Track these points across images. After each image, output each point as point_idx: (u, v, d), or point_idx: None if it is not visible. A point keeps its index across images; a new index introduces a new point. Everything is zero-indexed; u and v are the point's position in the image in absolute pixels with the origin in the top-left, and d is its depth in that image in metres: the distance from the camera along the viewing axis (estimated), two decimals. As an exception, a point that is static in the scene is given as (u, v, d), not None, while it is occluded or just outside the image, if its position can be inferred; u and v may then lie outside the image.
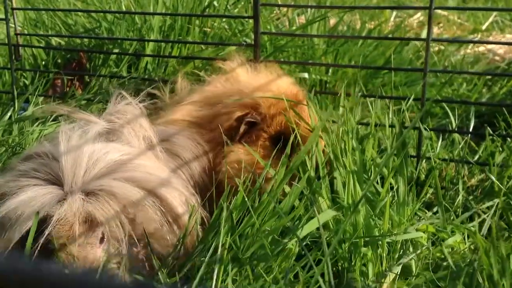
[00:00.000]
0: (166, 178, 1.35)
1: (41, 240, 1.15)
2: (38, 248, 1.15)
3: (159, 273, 1.20)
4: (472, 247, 1.49)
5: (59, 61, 2.76)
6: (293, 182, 1.40)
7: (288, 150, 1.42)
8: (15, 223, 1.17)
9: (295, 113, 1.56)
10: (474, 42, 3.26)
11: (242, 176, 1.44)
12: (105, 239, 1.22)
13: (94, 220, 1.20)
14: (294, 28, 2.90)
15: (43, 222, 1.17)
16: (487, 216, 1.52)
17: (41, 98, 2.40)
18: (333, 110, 1.83)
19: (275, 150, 1.48)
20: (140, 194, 1.25)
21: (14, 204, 1.18)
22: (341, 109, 1.63)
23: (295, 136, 1.50)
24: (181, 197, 1.35)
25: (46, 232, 1.15)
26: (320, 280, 1.06)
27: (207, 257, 1.17)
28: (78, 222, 1.18)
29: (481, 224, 1.60)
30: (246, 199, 1.25)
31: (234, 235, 1.21)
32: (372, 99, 2.13)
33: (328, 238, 1.35)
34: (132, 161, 1.32)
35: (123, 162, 1.29)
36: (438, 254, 1.50)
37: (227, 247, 1.18)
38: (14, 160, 1.40)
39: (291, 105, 1.56)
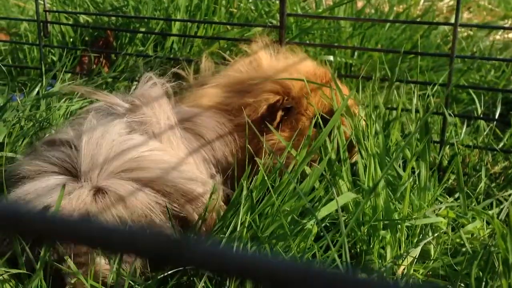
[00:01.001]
0: (186, 167, 1.36)
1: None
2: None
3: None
4: (491, 233, 1.49)
5: (86, 38, 2.79)
6: (314, 164, 1.40)
7: (327, 129, 1.40)
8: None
9: (335, 89, 1.55)
10: (504, 29, 3.20)
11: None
12: None
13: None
14: (320, 10, 2.89)
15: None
16: (507, 202, 1.51)
17: (68, 75, 2.43)
18: (356, 93, 1.83)
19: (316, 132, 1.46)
20: (148, 201, 1.26)
21: (27, 191, 1.23)
22: (365, 92, 1.63)
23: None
24: (200, 182, 1.36)
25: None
26: (337, 260, 1.07)
27: (225, 235, 1.19)
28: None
29: (501, 210, 1.59)
30: (266, 178, 1.26)
31: (253, 214, 1.23)
32: (398, 83, 2.12)
33: (346, 220, 1.36)
34: (151, 157, 1.33)
35: (141, 159, 1.31)
36: (457, 240, 1.50)
37: (246, 225, 1.20)
38: (38, 142, 1.43)
39: (325, 84, 1.55)
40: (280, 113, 1.52)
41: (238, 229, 1.18)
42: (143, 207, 1.25)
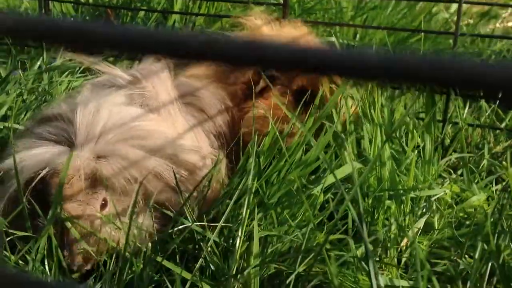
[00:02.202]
0: (185, 140, 1.35)
1: (37, 186, 1.15)
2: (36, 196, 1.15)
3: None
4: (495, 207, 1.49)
5: (87, 18, 2.78)
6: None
7: (317, 101, 1.41)
8: (19, 171, 1.17)
9: None
10: (509, 6, 3.18)
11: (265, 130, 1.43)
12: (107, 206, 1.20)
13: (98, 180, 1.18)
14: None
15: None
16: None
17: (69, 54, 2.42)
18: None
19: (300, 106, 1.46)
20: (154, 161, 1.24)
21: (20, 156, 1.19)
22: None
23: (322, 93, 1.49)
24: (201, 154, 1.35)
25: (40, 177, 1.14)
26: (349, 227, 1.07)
27: (232, 200, 1.19)
28: (79, 177, 1.16)
29: (504, 187, 1.60)
30: (278, 138, 1.26)
31: (260, 180, 1.23)
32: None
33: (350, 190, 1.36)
34: (150, 127, 1.31)
35: (139, 128, 1.29)
36: (461, 214, 1.50)
37: (253, 191, 1.19)
38: (29, 122, 1.41)
39: None
40: (262, 83, 1.52)
41: (246, 195, 1.18)
42: (149, 167, 1.23)
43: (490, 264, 1.07)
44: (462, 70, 0.29)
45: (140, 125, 1.30)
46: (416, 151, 1.47)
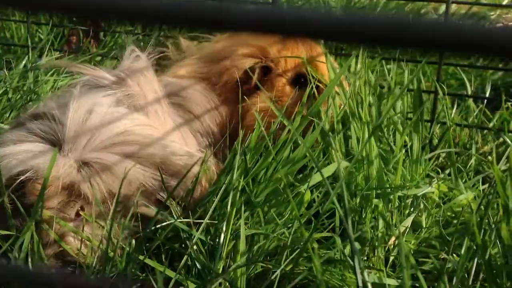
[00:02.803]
0: (173, 141, 1.34)
1: (13, 190, 1.14)
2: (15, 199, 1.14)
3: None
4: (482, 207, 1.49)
5: (74, 18, 2.76)
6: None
7: (309, 90, 1.41)
8: (3, 166, 1.16)
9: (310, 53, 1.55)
10: (498, 6, 3.19)
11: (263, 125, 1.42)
12: (81, 216, 1.19)
13: (76, 190, 1.18)
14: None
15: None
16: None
17: (56, 54, 2.40)
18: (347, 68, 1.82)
19: (295, 92, 1.47)
20: (139, 172, 1.23)
21: (6, 151, 1.18)
22: (358, 65, 1.62)
23: (314, 78, 1.50)
24: (189, 155, 1.34)
25: (19, 181, 1.14)
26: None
27: (217, 198, 1.18)
28: (57, 185, 1.15)
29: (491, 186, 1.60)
30: (265, 135, 1.24)
31: (247, 177, 1.22)
32: (388, 65, 2.12)
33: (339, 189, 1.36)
34: (136, 131, 1.30)
35: (127, 133, 1.28)
36: (449, 214, 1.50)
37: (240, 189, 1.18)
38: (23, 114, 1.40)
39: (304, 44, 1.56)
40: (256, 77, 1.51)
41: (231, 193, 1.17)
42: (131, 177, 1.22)
43: (476, 261, 1.07)
44: (454, 31, 0.28)
45: (128, 130, 1.29)
46: (403, 150, 1.47)
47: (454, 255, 1.32)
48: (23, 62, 2.09)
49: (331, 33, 0.33)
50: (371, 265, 1.31)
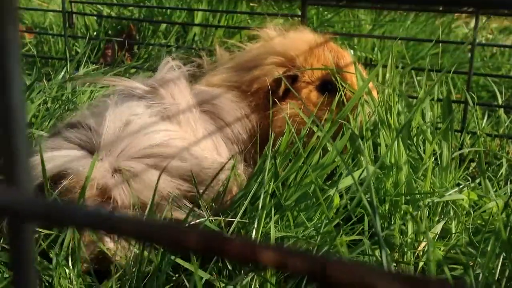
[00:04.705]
0: (205, 149, 1.38)
1: (58, 188, 1.20)
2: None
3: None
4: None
5: (109, 32, 2.84)
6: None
7: (337, 98, 1.44)
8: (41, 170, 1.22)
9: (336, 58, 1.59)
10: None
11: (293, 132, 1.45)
12: None
13: (108, 194, 1.23)
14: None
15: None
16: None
17: (92, 66, 2.48)
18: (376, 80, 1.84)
19: (322, 99, 1.50)
20: (169, 183, 1.27)
21: (47, 155, 1.24)
22: (387, 74, 1.64)
23: (342, 86, 1.52)
24: (220, 163, 1.37)
25: (63, 182, 1.20)
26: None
27: (247, 200, 1.21)
28: (92, 186, 1.21)
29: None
30: (294, 139, 1.27)
31: (277, 181, 1.24)
32: (418, 77, 2.14)
33: (368, 196, 1.37)
34: (170, 144, 1.34)
35: (161, 145, 1.32)
36: (478, 221, 1.49)
37: (270, 193, 1.21)
38: (60, 123, 1.46)
39: (329, 49, 1.59)
40: (283, 86, 1.55)
41: (261, 197, 1.19)
42: (162, 188, 1.26)
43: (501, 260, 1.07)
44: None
45: (163, 142, 1.33)
46: (433, 158, 1.48)
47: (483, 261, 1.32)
48: (61, 74, 2.16)
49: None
50: (400, 271, 1.31)
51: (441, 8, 2.26)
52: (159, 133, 1.35)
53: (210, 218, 1.18)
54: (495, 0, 0.28)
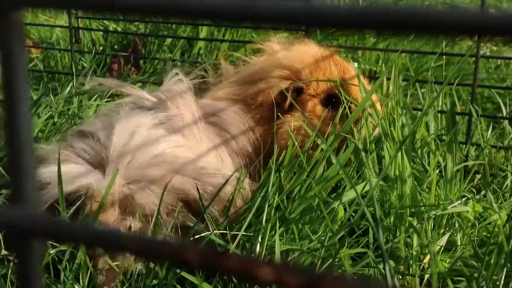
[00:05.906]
0: (210, 161, 1.40)
1: (73, 209, 1.21)
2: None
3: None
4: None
5: (115, 47, 2.87)
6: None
7: (341, 111, 1.45)
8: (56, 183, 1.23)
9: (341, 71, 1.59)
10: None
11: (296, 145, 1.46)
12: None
13: (129, 206, 1.24)
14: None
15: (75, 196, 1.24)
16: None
17: (98, 79, 2.50)
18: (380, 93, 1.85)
19: (326, 112, 1.51)
20: (182, 182, 1.29)
21: (50, 173, 1.25)
22: (390, 87, 1.65)
23: (347, 99, 1.53)
24: (224, 175, 1.38)
25: (78, 202, 1.21)
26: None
27: (251, 213, 1.21)
28: (112, 203, 1.22)
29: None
30: (298, 153, 1.28)
31: (282, 194, 1.25)
32: (422, 89, 2.15)
33: (372, 209, 1.37)
34: (174, 153, 1.35)
35: (164, 155, 1.33)
36: (484, 234, 1.49)
37: (274, 206, 1.22)
38: (68, 131, 1.47)
39: (334, 63, 1.60)
40: (289, 99, 1.56)
41: (266, 210, 1.20)
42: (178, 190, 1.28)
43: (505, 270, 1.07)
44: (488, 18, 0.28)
45: (165, 152, 1.35)
46: (437, 171, 1.48)
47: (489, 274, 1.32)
48: (68, 88, 2.18)
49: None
50: (405, 283, 1.31)
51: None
52: (163, 144, 1.36)
53: (215, 231, 1.18)
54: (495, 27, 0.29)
